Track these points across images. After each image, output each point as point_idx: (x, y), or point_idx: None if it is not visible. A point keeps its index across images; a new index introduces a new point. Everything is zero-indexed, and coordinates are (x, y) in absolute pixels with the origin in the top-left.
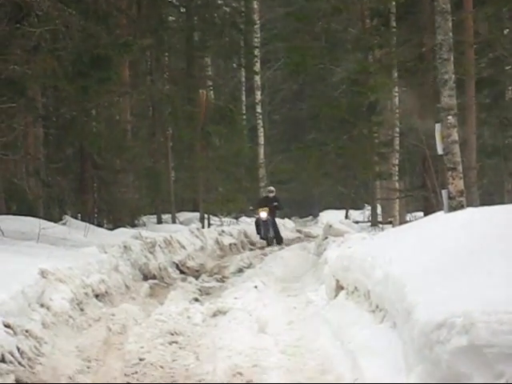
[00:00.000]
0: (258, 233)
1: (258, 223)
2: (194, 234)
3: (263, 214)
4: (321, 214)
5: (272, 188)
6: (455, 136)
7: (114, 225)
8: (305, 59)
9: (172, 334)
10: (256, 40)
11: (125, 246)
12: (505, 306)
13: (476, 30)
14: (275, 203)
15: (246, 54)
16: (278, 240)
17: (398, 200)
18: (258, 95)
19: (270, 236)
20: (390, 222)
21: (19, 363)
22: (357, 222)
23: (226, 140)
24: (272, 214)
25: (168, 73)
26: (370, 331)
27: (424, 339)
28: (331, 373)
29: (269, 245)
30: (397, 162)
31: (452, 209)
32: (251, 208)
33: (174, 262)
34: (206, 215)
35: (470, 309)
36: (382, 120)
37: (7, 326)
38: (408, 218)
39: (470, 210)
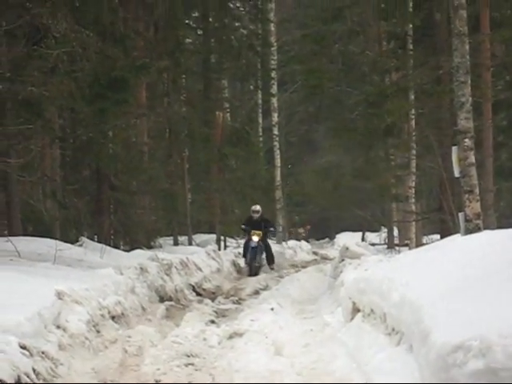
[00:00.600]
0: (244, 256)
1: (246, 246)
2: (210, 256)
3: (255, 239)
4: (337, 236)
5: (258, 207)
6: (472, 159)
7: (131, 246)
8: (321, 81)
9: (188, 356)
10: (273, 62)
11: (141, 268)
12: None
13: (493, 53)
14: (271, 228)
15: (263, 76)
16: (270, 260)
17: (414, 222)
18: (275, 117)
19: (256, 265)
20: (407, 245)
21: None
22: (373, 245)
23: (242, 162)
24: (264, 238)
25: (185, 95)
26: (387, 354)
27: (440, 362)
28: None
29: (251, 274)
30: (413, 184)
31: (469, 231)
32: (243, 227)
33: (190, 284)
34: (222, 237)
35: (487, 332)
36: (399, 142)
37: (23, 347)
38: (424, 241)
39: (486, 232)
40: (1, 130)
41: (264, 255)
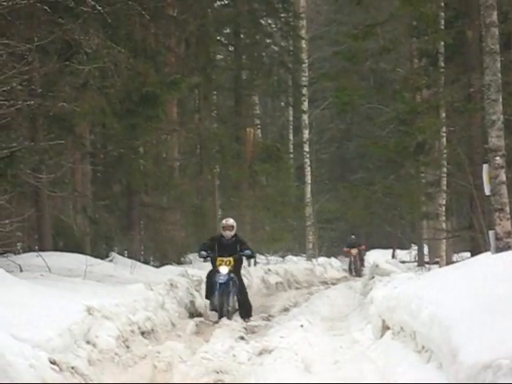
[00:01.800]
0: (208, 298)
1: (210, 282)
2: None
3: (223, 271)
4: (367, 253)
5: (231, 221)
6: (503, 177)
7: (161, 262)
8: (353, 99)
9: (217, 373)
10: (304, 79)
11: (171, 284)
12: None
13: None
14: (247, 252)
15: (294, 92)
16: (244, 311)
17: (444, 240)
18: (306, 134)
19: (228, 309)
20: (437, 262)
21: None
22: (403, 262)
23: (273, 178)
24: (237, 268)
25: (216, 111)
26: (416, 372)
27: (470, 381)
28: None
29: (222, 317)
30: (444, 202)
31: (499, 250)
32: (203, 254)
33: None
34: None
35: None
36: (430, 160)
37: (53, 362)
38: (455, 259)
39: None
40: (32, 145)
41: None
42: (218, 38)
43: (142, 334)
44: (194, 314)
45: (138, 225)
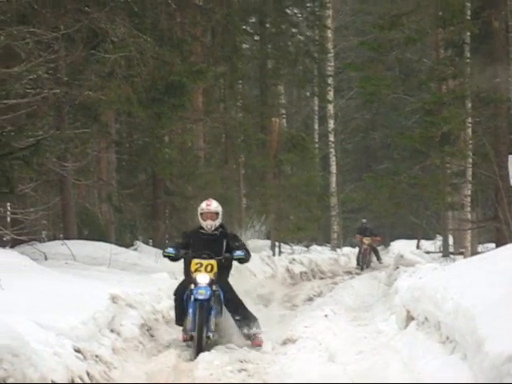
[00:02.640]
0: (179, 322)
1: (182, 298)
2: (264, 262)
3: (203, 280)
4: (392, 243)
5: (214, 206)
6: None
7: None
8: (378, 89)
9: (241, 362)
10: (329, 69)
11: None
12: None
13: None
14: (238, 253)
15: (320, 82)
16: (247, 326)
17: (469, 231)
18: (331, 124)
19: (208, 335)
20: (462, 253)
21: None
22: (428, 253)
23: (297, 168)
24: (223, 276)
25: (241, 100)
26: (440, 362)
27: (495, 371)
28: None
29: (198, 351)
30: (469, 192)
31: None
32: (168, 252)
33: (244, 290)
34: (276, 243)
35: None
36: (455, 150)
37: (77, 350)
38: (480, 249)
39: None
40: (58, 133)
41: (223, 316)
42: (244, 27)
43: (167, 322)
44: None
45: (163, 214)
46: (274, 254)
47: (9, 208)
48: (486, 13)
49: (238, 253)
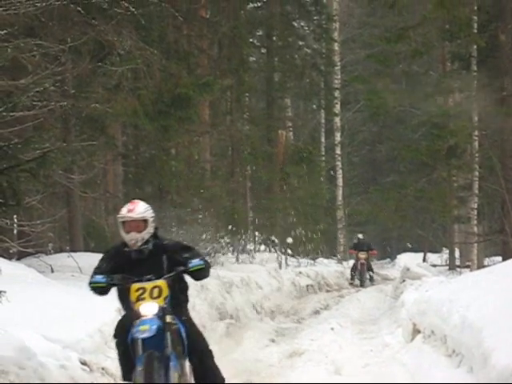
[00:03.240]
0: (126, 377)
1: (124, 344)
2: (271, 275)
3: (148, 309)
4: (398, 256)
5: (139, 211)
6: None
7: None
8: (385, 102)
9: (248, 374)
10: (336, 81)
11: (202, 286)
12: None
13: None
14: (192, 261)
15: (326, 95)
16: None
17: (476, 244)
18: (338, 137)
19: None
20: (468, 266)
21: None
22: (434, 266)
23: (304, 181)
24: (176, 302)
25: (248, 113)
26: (447, 375)
27: None
28: None
29: None
30: (475, 205)
31: None
32: (96, 281)
33: (250, 302)
34: (283, 256)
35: None
36: (462, 164)
37: (83, 363)
38: (486, 263)
39: None
40: (64, 146)
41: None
42: (251, 40)
43: None
44: (224, 315)
45: (169, 226)
46: (280, 267)
47: (15, 220)
48: (492, 26)
49: (195, 262)
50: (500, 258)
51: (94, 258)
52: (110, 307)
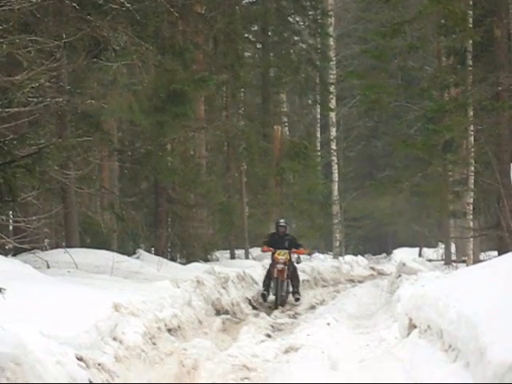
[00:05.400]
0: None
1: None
2: (266, 270)
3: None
4: (394, 251)
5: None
6: None
7: (187, 259)
8: (380, 96)
9: (244, 370)
10: (332, 77)
11: (198, 281)
12: None
13: None
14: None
15: (322, 90)
16: None
17: (472, 239)
18: (333, 132)
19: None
20: (464, 261)
21: None
22: (430, 261)
23: (300, 176)
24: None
25: (243, 108)
26: (443, 371)
27: (497, 380)
28: None
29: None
30: (471, 200)
31: None
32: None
33: (246, 298)
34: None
35: None
36: (457, 158)
37: (80, 359)
38: (482, 258)
39: None
40: (60, 142)
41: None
42: (246, 35)
43: (169, 331)
44: (220, 311)
45: (165, 222)
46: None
47: (11, 216)
48: (488, 21)
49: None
50: (496, 253)
51: (89, 254)
52: (105, 303)
